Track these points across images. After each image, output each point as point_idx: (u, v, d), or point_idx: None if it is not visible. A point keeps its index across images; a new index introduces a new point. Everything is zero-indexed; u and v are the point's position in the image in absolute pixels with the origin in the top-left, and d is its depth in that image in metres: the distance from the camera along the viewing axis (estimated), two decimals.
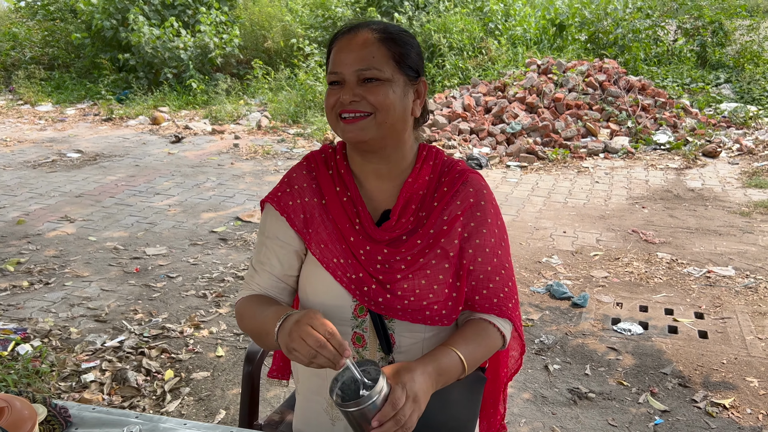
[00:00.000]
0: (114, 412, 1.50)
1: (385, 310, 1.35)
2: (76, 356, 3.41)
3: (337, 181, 1.42)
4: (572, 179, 6.75)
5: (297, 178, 1.45)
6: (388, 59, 1.31)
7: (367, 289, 1.36)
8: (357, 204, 1.40)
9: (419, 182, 1.41)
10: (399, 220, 1.38)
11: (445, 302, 1.36)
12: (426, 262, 1.36)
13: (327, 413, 1.46)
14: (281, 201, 1.43)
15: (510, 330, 1.44)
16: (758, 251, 4.79)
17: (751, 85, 9.83)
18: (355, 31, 1.33)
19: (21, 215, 5.62)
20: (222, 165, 7.39)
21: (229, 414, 2.99)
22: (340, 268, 1.37)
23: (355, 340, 1.40)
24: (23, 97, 11.07)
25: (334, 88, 1.33)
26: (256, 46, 11.97)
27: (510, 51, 10.71)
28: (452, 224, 1.38)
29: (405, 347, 1.39)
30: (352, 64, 1.30)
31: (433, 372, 1.24)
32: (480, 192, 1.42)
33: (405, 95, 1.34)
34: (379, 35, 1.31)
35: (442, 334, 1.41)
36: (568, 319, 3.85)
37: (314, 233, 1.40)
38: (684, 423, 2.90)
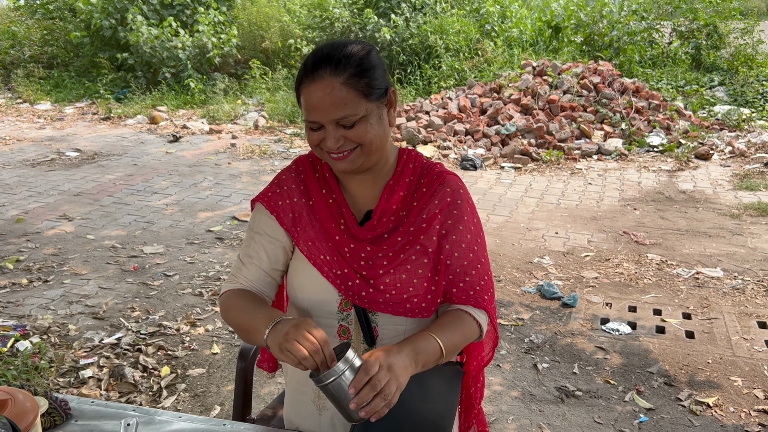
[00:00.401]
0: (112, 405, 1.57)
1: (369, 304, 1.45)
2: (75, 353, 3.47)
3: (323, 184, 1.52)
4: (565, 181, 6.82)
5: (286, 180, 1.54)
6: (358, 98, 1.34)
7: (352, 284, 1.45)
8: (341, 206, 1.50)
9: (400, 184, 1.50)
10: (380, 220, 1.47)
11: (425, 295, 1.46)
12: (406, 257, 1.45)
13: (314, 403, 1.53)
14: (271, 201, 1.52)
15: (486, 321, 1.52)
16: (747, 253, 4.87)
17: (745, 88, 9.91)
18: (319, 78, 1.33)
19: (20, 213, 5.68)
20: (219, 164, 7.45)
21: (224, 409, 3.05)
22: (327, 264, 1.46)
23: (341, 333, 1.49)
24: (22, 95, 11.13)
25: (315, 132, 1.39)
26: (253, 46, 12.03)
27: (506, 52, 10.78)
28: (431, 222, 1.47)
29: (387, 339, 1.48)
30: (327, 114, 1.34)
31: (410, 351, 1.31)
32: (456, 192, 1.51)
33: (380, 119, 1.40)
34: (342, 78, 1.33)
35: (421, 326, 1.50)
36: (558, 319, 3.92)
37: (302, 231, 1.50)
38: (668, 421, 2.97)
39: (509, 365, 3.43)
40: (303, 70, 1.37)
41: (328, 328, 1.48)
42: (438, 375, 1.48)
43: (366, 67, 1.36)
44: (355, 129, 1.36)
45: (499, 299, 4.16)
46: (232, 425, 1.51)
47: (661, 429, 2.91)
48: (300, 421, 1.58)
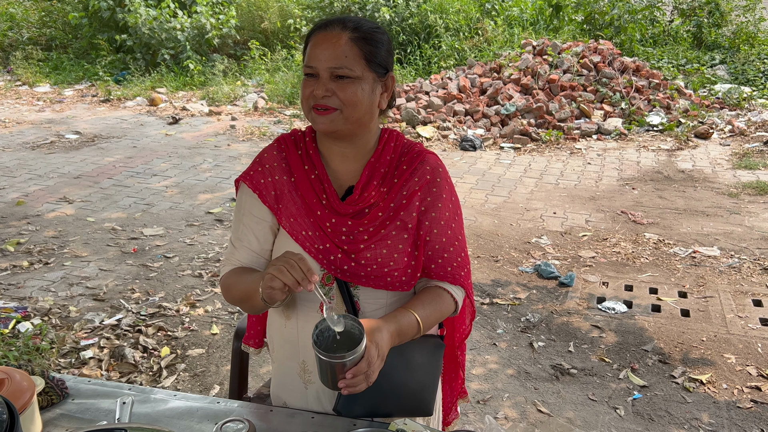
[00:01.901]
0: (109, 384, 1.60)
1: (350, 277, 1.49)
2: (75, 334, 3.51)
3: (306, 161, 1.55)
4: (564, 161, 6.82)
5: (268, 158, 1.57)
6: (359, 58, 1.41)
7: (334, 258, 1.49)
8: (324, 181, 1.52)
9: (381, 162, 1.53)
10: (362, 194, 1.50)
11: (405, 269, 1.50)
12: (387, 233, 1.49)
13: (300, 377, 1.57)
14: (253, 179, 1.55)
15: (462, 297, 1.58)
16: (744, 232, 4.88)
17: (746, 66, 9.86)
18: (330, 29, 1.42)
19: (20, 196, 5.71)
20: (219, 146, 7.46)
21: (223, 389, 3.10)
22: (309, 239, 1.50)
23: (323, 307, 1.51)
24: (21, 77, 11.10)
25: (309, 80, 1.43)
26: (252, 27, 11.97)
27: (506, 32, 10.72)
28: (410, 199, 1.51)
29: (369, 312, 1.52)
30: (326, 61, 1.40)
31: (395, 332, 1.40)
32: (436, 170, 1.55)
33: (373, 91, 1.45)
34: (351, 34, 1.40)
35: (402, 299, 1.55)
36: (555, 298, 3.95)
37: (284, 208, 1.52)
38: (661, 398, 3.01)
39: (505, 344, 3.47)
40: (318, 23, 1.45)
41: (309, 303, 1.52)
42: (420, 347, 1.53)
43: (376, 39, 1.44)
44: (346, 87, 1.40)
45: (496, 279, 4.19)
46: (225, 403, 1.54)
47: (655, 406, 2.94)
48: (286, 395, 1.62)
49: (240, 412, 1.50)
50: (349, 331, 1.32)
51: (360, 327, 1.30)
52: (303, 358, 1.56)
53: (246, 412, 1.50)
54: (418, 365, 1.54)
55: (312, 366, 1.55)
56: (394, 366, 1.46)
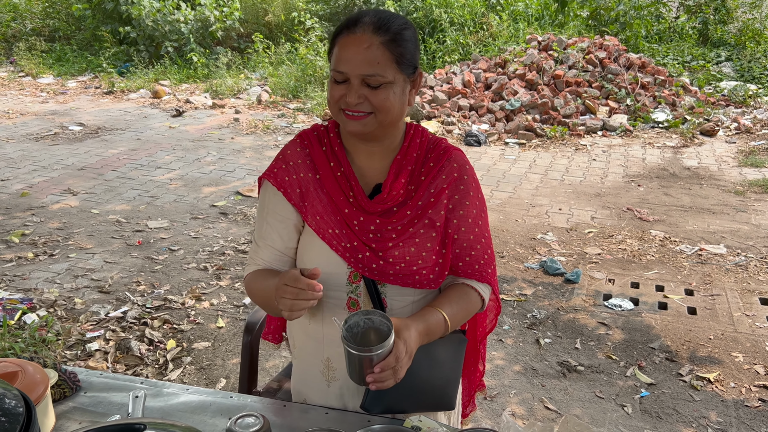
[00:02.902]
0: (121, 378, 1.59)
1: (378, 276, 1.47)
2: (81, 326, 3.51)
3: (331, 157, 1.52)
4: (570, 157, 6.81)
5: (291, 155, 1.54)
6: (391, 62, 1.37)
7: (362, 257, 1.47)
8: (350, 179, 1.50)
9: (408, 158, 1.51)
10: (390, 193, 1.48)
11: (433, 267, 1.49)
12: (415, 231, 1.48)
13: (323, 375, 1.56)
14: (278, 177, 1.52)
15: (489, 294, 1.58)
16: (750, 230, 4.87)
17: (752, 64, 9.82)
18: (359, 31, 1.37)
19: (25, 187, 5.70)
20: (222, 139, 7.44)
21: (229, 382, 3.09)
22: (336, 237, 1.48)
23: (350, 305, 1.51)
24: (24, 69, 11.07)
25: (338, 85, 1.39)
26: (256, 20, 11.93)
27: (511, 27, 10.68)
28: (438, 197, 1.50)
29: (396, 310, 1.51)
30: (357, 67, 1.36)
31: (423, 331, 1.39)
32: (463, 167, 1.54)
33: (403, 92, 1.43)
34: (382, 38, 1.36)
35: (428, 297, 1.54)
36: (561, 295, 3.94)
37: (310, 206, 1.50)
38: (669, 396, 3.00)
39: (512, 340, 3.46)
40: (344, 23, 1.40)
41: (337, 300, 1.50)
42: (444, 344, 1.52)
43: (405, 38, 1.40)
44: (378, 92, 1.37)
45: (502, 275, 4.18)
46: (239, 398, 1.53)
47: (662, 404, 2.94)
48: (308, 392, 1.61)
49: (253, 407, 1.50)
50: (378, 328, 1.32)
51: (389, 323, 1.30)
52: (327, 356, 1.55)
53: (260, 407, 1.49)
54: (443, 361, 1.53)
55: (336, 363, 1.54)
56: (420, 363, 1.45)
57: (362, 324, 1.33)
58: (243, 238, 4.69)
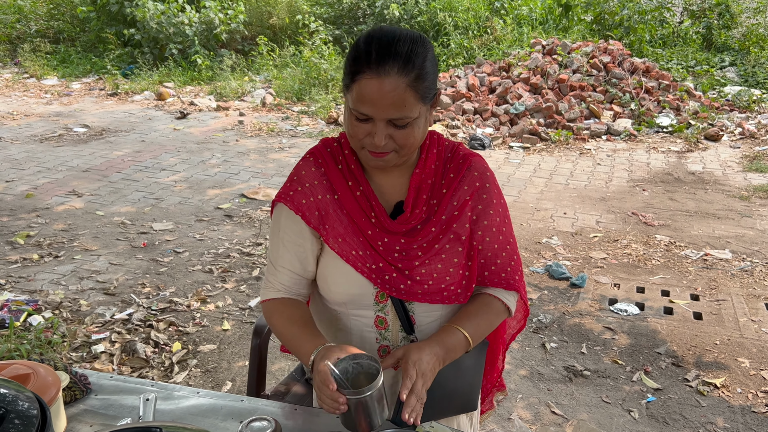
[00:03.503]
0: (131, 381, 1.59)
1: (406, 295, 1.44)
2: (87, 328, 3.51)
3: (348, 176, 1.47)
4: (574, 161, 6.80)
5: (306, 175, 1.48)
6: (417, 101, 1.30)
7: (389, 278, 1.43)
8: (370, 198, 1.46)
9: (426, 172, 1.47)
10: (413, 212, 1.45)
11: (460, 281, 1.46)
12: (441, 247, 1.45)
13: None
14: (294, 200, 1.46)
15: (515, 301, 1.55)
16: (755, 235, 4.86)
17: (756, 69, 9.81)
18: (383, 73, 1.26)
19: (30, 189, 5.70)
20: (227, 142, 7.45)
21: (235, 385, 3.09)
22: (360, 259, 1.44)
23: (378, 323, 1.49)
24: (29, 70, 11.10)
25: (360, 123, 1.33)
26: (261, 23, 11.95)
27: (515, 31, 10.69)
28: (462, 209, 1.47)
29: (424, 325, 1.49)
30: (384, 112, 1.29)
31: (441, 352, 1.37)
32: (484, 175, 1.51)
33: (426, 120, 1.37)
34: (407, 79, 1.27)
35: (456, 310, 1.52)
36: (566, 299, 3.93)
37: (330, 228, 1.45)
38: (675, 401, 2.99)
39: (518, 344, 3.45)
40: (365, 57, 1.28)
41: (365, 320, 1.49)
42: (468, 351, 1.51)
43: (428, 69, 1.32)
44: (404, 131, 1.32)
45: None
46: (249, 401, 1.53)
47: (669, 409, 2.93)
48: None
49: (264, 410, 1.49)
50: (367, 371, 1.30)
51: (377, 365, 1.27)
52: None
53: (270, 411, 1.49)
54: (467, 368, 1.53)
55: None
56: (446, 373, 1.44)
57: (351, 370, 1.30)
58: (248, 241, 4.69)
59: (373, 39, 1.30)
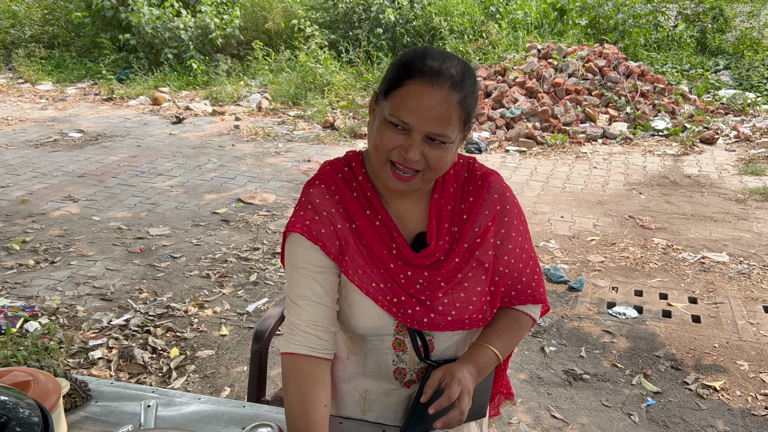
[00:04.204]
0: (132, 387, 1.57)
1: (429, 327, 1.39)
2: (84, 334, 3.49)
3: (366, 204, 1.39)
4: (570, 164, 6.81)
5: (321, 204, 1.38)
6: (460, 123, 1.27)
7: (411, 312, 1.38)
8: (391, 229, 1.39)
9: (446, 197, 1.42)
10: (437, 243, 1.39)
11: (482, 308, 1.43)
12: (464, 276, 1.40)
13: (359, 405, 1.52)
14: (312, 230, 1.36)
15: (539, 311, 1.54)
16: (752, 238, 4.87)
17: (750, 72, 9.86)
18: (438, 84, 1.22)
19: (25, 194, 5.68)
20: (223, 146, 7.43)
21: (234, 391, 3.07)
22: (380, 292, 1.37)
23: (396, 345, 1.44)
24: (23, 75, 11.06)
25: (394, 132, 1.26)
26: (256, 27, 11.94)
27: (510, 35, 10.71)
28: (484, 235, 1.42)
29: (441, 349, 1.45)
30: (427, 124, 1.23)
31: (475, 371, 1.37)
32: (504, 196, 1.46)
33: (457, 148, 1.33)
34: (458, 96, 1.24)
35: (476, 332, 1.51)
36: (565, 303, 3.93)
37: (350, 260, 1.37)
38: (675, 404, 2.99)
39: (517, 348, 3.44)
40: (419, 64, 1.23)
41: (382, 344, 1.43)
42: None
43: (475, 95, 1.29)
44: (438, 152, 1.27)
45: None
46: (251, 407, 1.51)
47: (669, 412, 2.93)
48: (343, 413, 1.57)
49: (267, 416, 1.48)
50: None
51: None
52: (365, 388, 1.50)
53: (273, 417, 1.48)
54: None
55: (374, 396, 1.50)
56: None
57: None
58: (245, 246, 4.68)
59: (427, 55, 1.25)
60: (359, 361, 1.48)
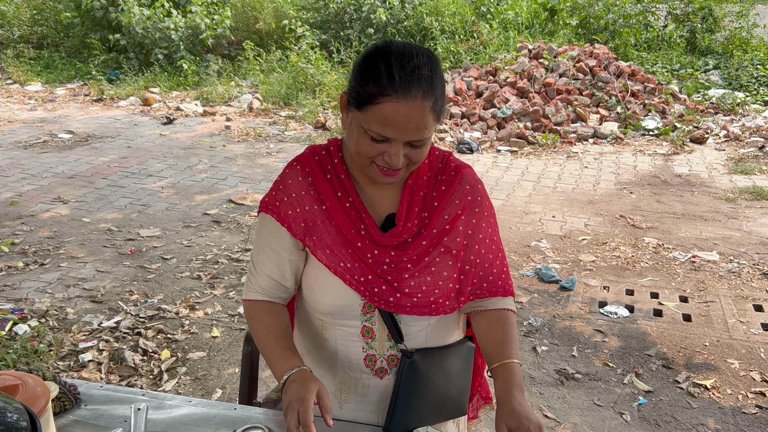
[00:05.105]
0: (122, 390, 1.56)
1: (395, 308, 1.43)
2: (74, 336, 3.46)
3: (338, 187, 1.45)
4: (562, 164, 6.83)
5: (293, 185, 1.46)
6: (434, 122, 1.32)
7: (377, 290, 1.42)
8: (360, 210, 1.44)
9: (419, 183, 1.47)
10: (405, 225, 1.44)
11: (449, 294, 1.46)
12: (431, 260, 1.44)
13: (335, 397, 1.54)
14: (280, 211, 1.45)
15: (512, 302, 1.56)
16: (742, 237, 4.89)
17: (739, 72, 9.91)
18: (411, 99, 1.25)
19: (14, 196, 5.64)
20: (214, 147, 7.41)
21: (225, 393, 3.06)
22: (348, 271, 1.42)
23: (365, 333, 1.48)
24: (12, 76, 10.99)
25: (375, 143, 1.30)
26: (247, 27, 11.91)
27: (501, 35, 10.73)
28: (454, 223, 1.46)
29: (413, 334, 1.48)
30: (407, 134, 1.28)
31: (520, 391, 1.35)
32: (475, 188, 1.51)
33: (433, 135, 1.39)
34: (431, 103, 1.28)
35: (445, 319, 1.52)
36: (556, 302, 3.94)
37: (318, 240, 1.44)
38: (667, 403, 2.99)
39: None
40: (388, 80, 1.25)
41: (350, 329, 1.48)
42: (457, 355, 1.53)
43: (444, 90, 1.34)
44: (418, 150, 1.33)
45: None
46: (242, 409, 1.50)
47: (660, 411, 2.93)
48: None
49: (258, 418, 1.47)
50: None
51: None
52: (340, 378, 1.53)
53: (264, 419, 1.47)
54: (456, 373, 1.53)
55: (348, 387, 1.52)
56: (437, 379, 1.44)
57: None
58: (236, 247, 4.66)
59: (392, 58, 1.26)
60: (331, 351, 1.52)
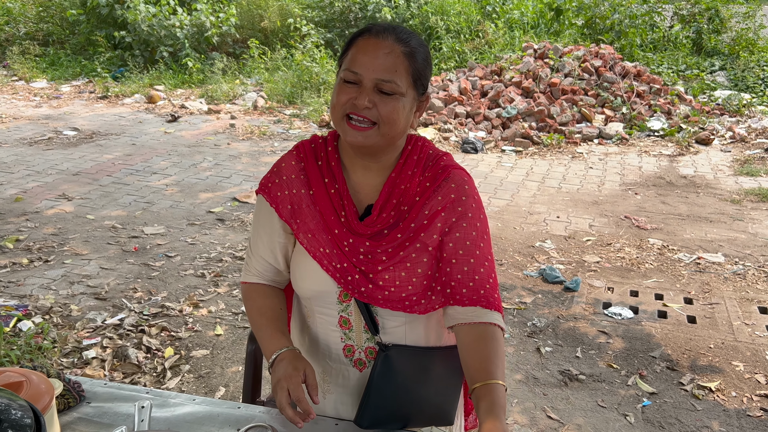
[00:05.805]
0: (125, 388, 1.56)
1: (368, 299, 1.44)
2: (77, 333, 3.47)
3: (326, 173, 1.48)
4: (566, 164, 6.81)
5: (286, 168, 1.51)
6: (407, 74, 1.35)
7: (351, 279, 1.44)
8: (343, 197, 1.46)
9: (402, 177, 1.46)
10: (380, 215, 1.44)
11: (424, 293, 1.44)
12: (406, 255, 1.43)
13: (319, 386, 1.56)
14: (271, 192, 1.50)
15: (500, 318, 1.45)
16: (747, 238, 4.87)
17: (746, 73, 9.88)
18: (382, 37, 1.35)
19: (19, 192, 5.65)
20: (218, 145, 7.41)
21: (229, 391, 3.06)
22: (326, 257, 1.45)
23: (342, 323, 1.50)
24: (17, 73, 11.01)
25: (348, 87, 1.36)
26: (252, 26, 11.91)
27: (507, 35, 10.71)
28: (432, 219, 1.44)
29: (389, 329, 1.49)
30: (374, 71, 1.33)
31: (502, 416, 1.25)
32: (461, 187, 1.46)
33: (411, 110, 1.41)
34: (404, 48, 1.35)
35: (422, 318, 1.49)
36: (560, 303, 3.93)
37: (302, 223, 1.47)
38: (671, 405, 2.98)
39: (512, 348, 3.44)
40: (366, 27, 1.38)
41: (329, 318, 1.50)
42: (440, 359, 1.51)
43: (424, 56, 1.40)
44: (389, 101, 1.34)
45: (501, 283, 4.16)
46: (246, 408, 1.51)
47: (665, 413, 2.92)
48: None
49: (262, 417, 1.47)
50: None
51: None
52: (322, 367, 1.54)
53: (268, 418, 1.47)
54: (438, 376, 1.51)
55: (329, 377, 1.54)
56: (414, 380, 1.44)
57: None
58: (240, 245, 4.66)
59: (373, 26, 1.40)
60: (314, 339, 1.56)
